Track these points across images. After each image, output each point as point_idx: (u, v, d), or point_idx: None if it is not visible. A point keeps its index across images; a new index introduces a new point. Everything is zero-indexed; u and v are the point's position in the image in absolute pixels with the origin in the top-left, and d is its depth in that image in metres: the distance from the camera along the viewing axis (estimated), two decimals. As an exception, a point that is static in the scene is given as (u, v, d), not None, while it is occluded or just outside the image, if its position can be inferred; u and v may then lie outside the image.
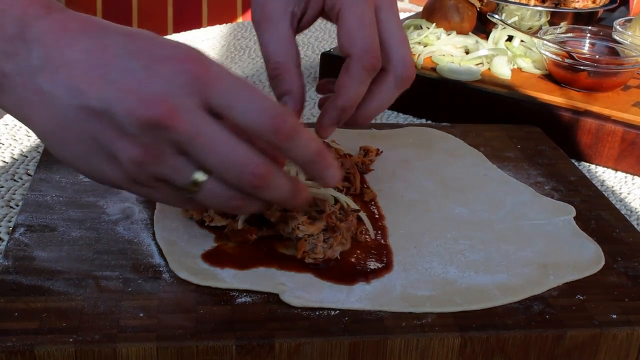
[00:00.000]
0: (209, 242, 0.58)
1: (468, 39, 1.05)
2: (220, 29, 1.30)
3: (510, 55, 1.00)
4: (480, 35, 1.08)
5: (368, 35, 0.55)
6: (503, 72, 0.97)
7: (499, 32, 1.05)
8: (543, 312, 0.53)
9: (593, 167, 0.87)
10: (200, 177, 0.46)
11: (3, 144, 0.81)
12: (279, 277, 0.54)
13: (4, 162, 0.77)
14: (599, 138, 0.86)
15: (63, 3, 1.16)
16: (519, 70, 0.99)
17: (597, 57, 0.95)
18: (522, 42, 1.03)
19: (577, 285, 0.56)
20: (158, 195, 0.48)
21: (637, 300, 0.55)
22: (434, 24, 1.07)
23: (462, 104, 0.94)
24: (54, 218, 0.60)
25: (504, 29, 1.04)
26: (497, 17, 1.06)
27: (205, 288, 0.53)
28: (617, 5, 1.17)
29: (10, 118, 0.88)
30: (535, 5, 1.09)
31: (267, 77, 0.58)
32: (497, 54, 0.99)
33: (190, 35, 1.26)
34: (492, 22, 1.07)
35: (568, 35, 1.01)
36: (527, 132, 0.84)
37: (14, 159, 0.78)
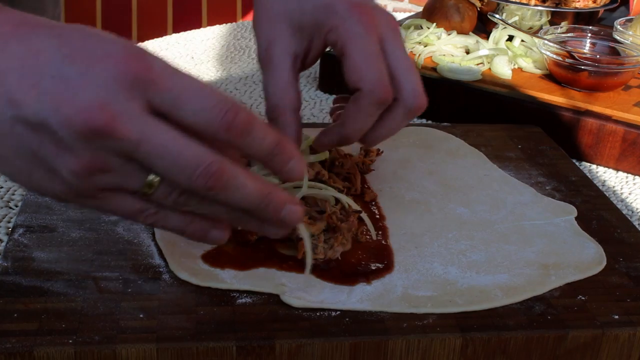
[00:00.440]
0: (209, 242, 0.58)
1: (468, 39, 1.04)
2: (220, 29, 1.30)
3: (511, 55, 1.00)
4: (481, 35, 1.07)
5: (376, 69, 0.53)
6: (504, 72, 0.97)
7: (500, 31, 1.04)
8: (545, 312, 0.53)
9: (594, 167, 0.86)
10: (154, 180, 0.43)
11: (2, 145, 0.81)
12: (280, 277, 0.54)
13: (4, 162, 0.77)
14: (600, 138, 0.85)
15: (63, 5, 1.16)
16: (520, 70, 0.99)
17: (597, 56, 0.95)
18: (522, 41, 1.03)
19: (578, 286, 0.56)
20: (107, 206, 0.45)
21: (639, 301, 0.55)
22: (435, 24, 1.07)
23: (462, 104, 0.94)
24: (54, 219, 0.60)
25: (505, 29, 1.04)
26: (497, 16, 1.06)
27: (205, 289, 0.53)
28: (617, 5, 1.17)
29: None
30: (536, 5, 1.09)
31: None
32: (497, 54, 0.99)
33: (190, 36, 1.26)
34: (492, 21, 1.07)
35: (569, 35, 1.01)
36: (528, 132, 0.84)
37: (14, 160, 0.78)
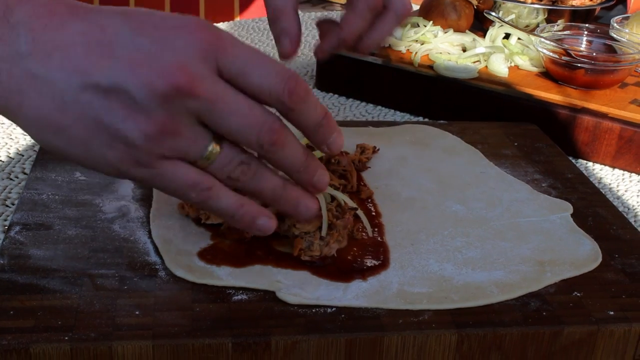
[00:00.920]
0: (205, 240, 0.58)
1: (465, 37, 1.05)
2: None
3: (508, 53, 1.00)
4: (478, 33, 1.08)
5: None
6: (500, 69, 0.97)
7: (496, 29, 1.04)
8: (540, 308, 0.53)
9: (590, 164, 0.87)
10: (215, 148, 0.45)
11: (-1, 143, 0.81)
12: (275, 274, 0.54)
13: (0, 161, 0.77)
14: (596, 135, 0.85)
15: None
16: (516, 68, 0.99)
17: (594, 54, 0.95)
18: (519, 39, 1.03)
19: (574, 282, 0.56)
20: (162, 178, 0.46)
21: (634, 297, 0.55)
22: (431, 22, 1.07)
23: (459, 102, 0.94)
24: (50, 216, 0.60)
25: (501, 27, 1.04)
26: (494, 14, 1.06)
27: (201, 286, 0.53)
28: (614, 3, 1.17)
29: (7, 117, 0.88)
30: (533, 3, 1.09)
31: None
32: (494, 52, 0.99)
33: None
34: (489, 19, 1.07)
35: (565, 33, 1.01)
36: (524, 129, 0.84)
37: (10, 158, 0.78)
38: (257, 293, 0.52)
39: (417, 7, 1.18)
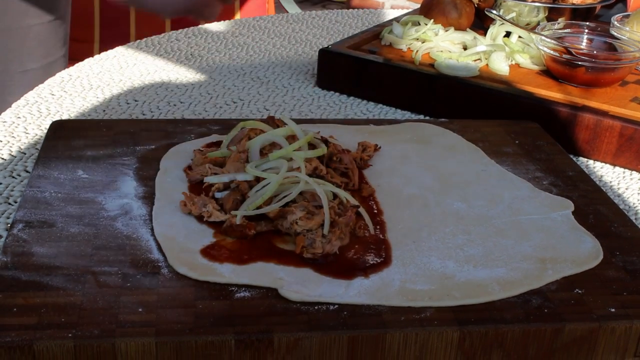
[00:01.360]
0: (208, 237, 0.58)
1: (466, 35, 1.05)
2: (218, 26, 1.30)
3: (508, 51, 1.00)
4: (478, 32, 1.08)
5: None
6: (501, 68, 0.97)
7: (497, 28, 1.05)
8: (541, 306, 0.53)
9: (591, 162, 0.87)
10: None
11: (1, 141, 0.81)
12: (278, 272, 0.54)
13: (2, 159, 0.77)
14: (597, 133, 0.86)
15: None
16: (517, 66, 0.99)
17: (594, 52, 0.95)
18: (520, 38, 1.03)
19: (575, 280, 0.56)
20: None
21: (635, 294, 0.55)
22: (432, 20, 1.07)
23: (460, 100, 0.94)
24: (53, 214, 0.60)
25: (502, 25, 1.04)
26: (495, 13, 1.06)
27: (204, 283, 0.53)
28: (614, 1, 1.17)
29: (9, 115, 0.88)
30: (533, 1, 1.09)
31: (264, 73, 0.58)
32: (494, 50, 0.99)
33: (189, 33, 1.26)
34: (490, 18, 1.07)
35: (566, 31, 1.01)
36: (525, 127, 0.84)
37: (12, 156, 0.78)
38: (259, 290, 0.53)
39: (418, 5, 1.18)
